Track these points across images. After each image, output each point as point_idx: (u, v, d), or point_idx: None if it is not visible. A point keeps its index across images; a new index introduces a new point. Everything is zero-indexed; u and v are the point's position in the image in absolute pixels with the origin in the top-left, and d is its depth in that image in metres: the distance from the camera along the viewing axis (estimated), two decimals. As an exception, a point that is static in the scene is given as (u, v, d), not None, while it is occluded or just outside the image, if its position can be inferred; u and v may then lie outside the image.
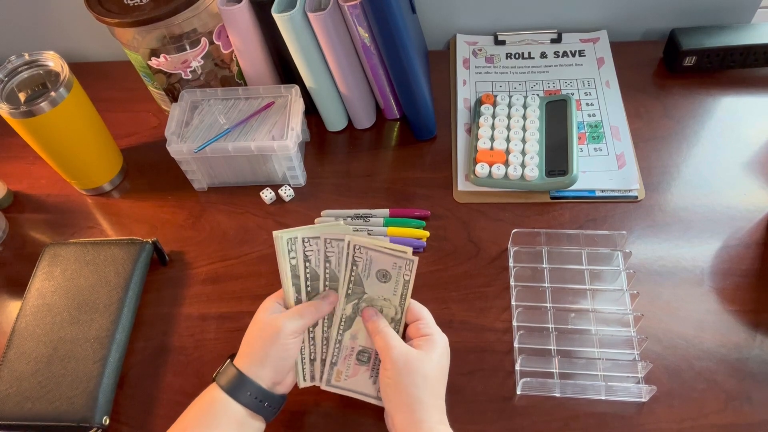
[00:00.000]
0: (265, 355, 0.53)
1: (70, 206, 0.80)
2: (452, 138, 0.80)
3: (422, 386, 0.51)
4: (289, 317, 0.54)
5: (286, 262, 0.56)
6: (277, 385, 0.54)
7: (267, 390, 0.53)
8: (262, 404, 0.53)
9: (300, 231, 0.56)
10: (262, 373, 0.53)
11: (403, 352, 0.52)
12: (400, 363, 0.52)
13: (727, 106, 0.80)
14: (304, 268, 0.57)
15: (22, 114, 0.67)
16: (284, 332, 0.53)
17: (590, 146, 0.77)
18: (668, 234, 0.69)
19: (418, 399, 0.50)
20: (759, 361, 0.60)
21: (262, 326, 0.54)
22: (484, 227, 0.72)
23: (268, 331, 0.54)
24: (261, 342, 0.54)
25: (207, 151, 0.72)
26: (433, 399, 0.51)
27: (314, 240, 0.56)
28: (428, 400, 0.50)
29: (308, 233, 0.56)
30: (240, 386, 0.52)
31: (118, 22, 0.70)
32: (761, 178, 0.73)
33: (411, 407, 0.50)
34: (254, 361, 0.53)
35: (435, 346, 0.53)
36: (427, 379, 0.51)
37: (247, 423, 0.52)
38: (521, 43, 0.89)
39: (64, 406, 0.59)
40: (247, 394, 0.52)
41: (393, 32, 0.67)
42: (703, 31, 0.82)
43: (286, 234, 0.55)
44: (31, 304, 0.66)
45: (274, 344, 0.53)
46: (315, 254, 0.56)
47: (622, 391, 0.58)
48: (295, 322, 0.54)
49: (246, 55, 0.77)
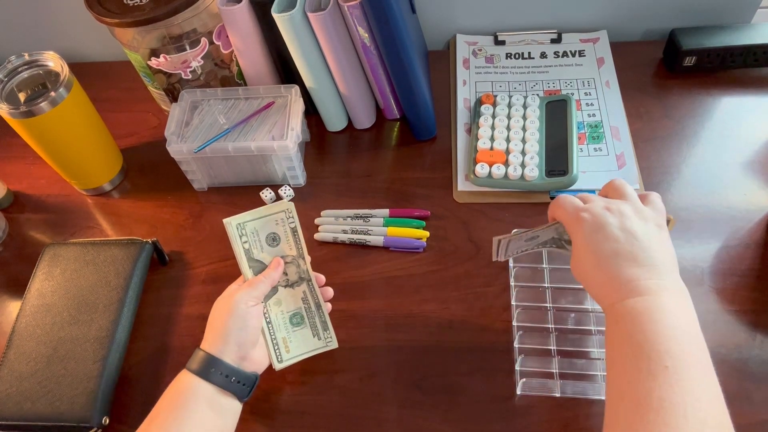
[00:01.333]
0: (225, 330, 0.55)
1: (70, 206, 0.80)
2: (452, 138, 0.80)
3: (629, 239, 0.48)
4: (241, 289, 0.57)
5: (239, 245, 0.58)
6: (243, 360, 0.55)
7: (233, 366, 0.54)
8: (229, 380, 0.54)
9: (245, 216, 0.59)
10: (226, 349, 0.54)
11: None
12: (592, 221, 0.50)
13: (727, 106, 0.80)
14: (248, 249, 0.59)
15: (22, 114, 0.67)
16: (237, 302, 0.55)
17: (590, 146, 0.77)
18: (668, 234, 0.69)
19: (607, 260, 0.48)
20: (759, 361, 0.59)
21: (218, 305, 0.57)
22: (484, 227, 0.72)
23: (224, 307, 0.56)
24: (219, 319, 0.56)
25: (207, 151, 0.72)
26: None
27: (250, 223, 0.59)
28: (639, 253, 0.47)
29: (250, 217, 0.59)
30: (206, 366, 0.53)
31: (118, 22, 0.70)
32: (761, 178, 0.73)
33: (627, 255, 0.47)
34: (216, 339, 0.55)
35: (575, 235, 0.51)
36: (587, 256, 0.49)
37: (217, 401, 0.53)
38: (521, 43, 0.89)
39: (63, 406, 0.59)
40: (213, 371, 0.53)
41: (393, 32, 0.67)
42: (703, 31, 0.82)
43: (234, 220, 0.58)
44: (31, 304, 0.66)
45: (232, 317, 0.55)
46: (253, 236, 0.60)
47: (622, 391, 0.58)
48: (248, 292, 0.56)
49: (246, 55, 0.77)
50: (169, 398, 0.53)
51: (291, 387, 0.61)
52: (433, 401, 0.59)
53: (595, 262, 0.48)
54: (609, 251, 0.48)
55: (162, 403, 0.53)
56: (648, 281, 0.46)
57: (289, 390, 0.61)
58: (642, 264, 0.47)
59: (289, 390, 0.61)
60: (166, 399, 0.53)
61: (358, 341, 0.63)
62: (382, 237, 0.71)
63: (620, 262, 0.47)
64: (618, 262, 0.47)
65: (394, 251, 0.71)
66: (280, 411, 0.60)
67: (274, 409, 0.60)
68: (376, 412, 0.59)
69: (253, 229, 0.59)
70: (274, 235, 0.60)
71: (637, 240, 0.48)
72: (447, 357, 0.62)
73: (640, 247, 0.47)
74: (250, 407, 0.60)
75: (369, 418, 0.59)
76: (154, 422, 0.51)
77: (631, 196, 0.52)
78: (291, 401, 0.61)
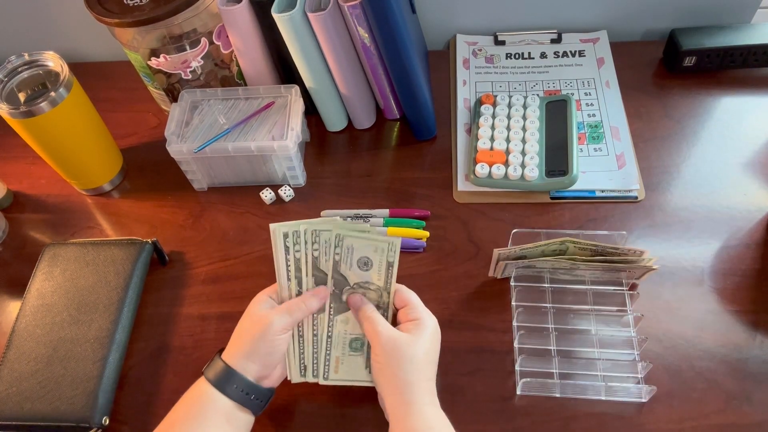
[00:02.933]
0: (253, 349, 0.54)
1: (70, 206, 0.80)
2: (452, 138, 0.80)
3: (410, 369, 0.52)
4: (278, 313, 0.55)
5: (281, 255, 0.56)
6: (264, 379, 0.55)
7: (254, 383, 0.54)
8: (249, 397, 0.53)
9: (297, 225, 0.57)
10: (250, 367, 0.54)
11: (391, 337, 0.53)
12: (388, 347, 0.52)
13: (727, 106, 0.80)
14: (295, 262, 0.57)
15: (22, 114, 0.67)
16: (273, 328, 0.54)
17: (590, 146, 0.77)
18: (668, 234, 0.69)
19: (406, 381, 0.51)
20: (759, 361, 0.60)
21: (251, 321, 0.55)
22: (484, 227, 0.72)
23: (257, 327, 0.54)
24: (250, 337, 0.54)
25: (207, 151, 0.72)
26: (423, 381, 0.52)
27: (307, 234, 0.57)
28: (417, 382, 0.51)
29: (304, 227, 0.57)
30: (227, 379, 0.53)
31: (118, 22, 0.70)
32: (761, 178, 0.73)
33: (400, 389, 0.51)
34: (242, 355, 0.54)
35: (424, 329, 0.54)
36: (415, 362, 0.52)
37: (234, 416, 0.53)
38: (521, 43, 0.89)
39: (63, 407, 0.59)
40: (234, 387, 0.53)
41: (393, 32, 0.67)
42: (703, 31, 0.82)
43: (282, 227, 0.56)
44: (30, 304, 0.66)
45: (263, 340, 0.54)
46: (305, 248, 0.57)
47: (622, 392, 0.58)
48: (284, 319, 0.55)
49: (246, 55, 0.77)
50: (185, 406, 0.53)
51: (291, 387, 0.61)
52: (433, 401, 0.59)
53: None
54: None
55: (178, 411, 0.53)
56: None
57: (289, 390, 0.61)
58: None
59: (289, 390, 0.61)
60: (183, 406, 0.53)
61: (358, 341, 0.63)
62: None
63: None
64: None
65: (394, 251, 0.71)
66: (280, 411, 0.60)
67: (274, 409, 0.60)
68: (375, 412, 0.58)
69: (348, 246, 0.56)
70: (366, 259, 0.57)
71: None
72: (447, 357, 0.62)
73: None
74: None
75: (369, 418, 0.59)
76: (171, 429, 0.51)
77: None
78: (291, 401, 0.61)
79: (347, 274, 0.57)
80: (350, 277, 0.57)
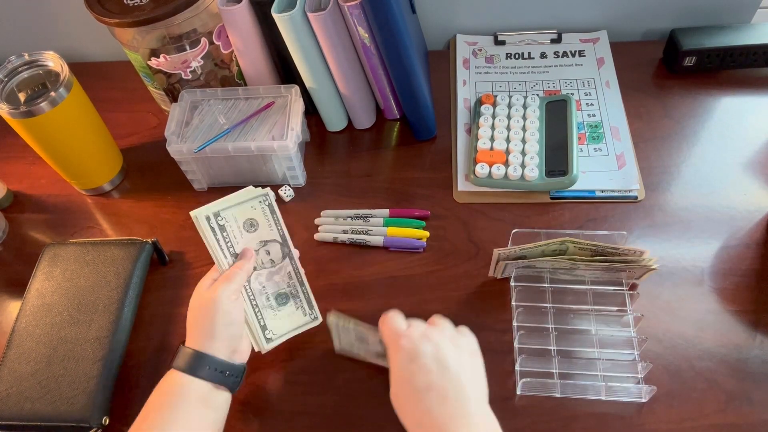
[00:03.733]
0: (212, 326, 0.54)
1: (70, 206, 0.80)
2: (452, 138, 0.80)
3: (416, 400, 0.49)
4: (219, 284, 0.56)
5: (212, 237, 0.58)
6: (234, 354, 0.56)
7: (226, 360, 0.54)
8: (223, 375, 0.54)
9: (214, 206, 0.58)
10: (216, 345, 0.54)
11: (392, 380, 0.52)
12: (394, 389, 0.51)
13: (727, 106, 0.80)
14: (224, 239, 0.59)
15: (22, 114, 0.67)
16: (221, 298, 0.55)
17: (590, 146, 0.77)
18: (668, 234, 0.69)
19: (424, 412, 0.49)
20: (759, 361, 0.60)
21: (200, 302, 0.56)
22: (484, 227, 0.72)
23: (207, 304, 0.55)
24: (204, 316, 0.55)
25: (207, 151, 0.72)
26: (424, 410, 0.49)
27: (224, 212, 0.59)
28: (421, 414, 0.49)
29: (220, 207, 0.58)
30: (198, 363, 0.53)
31: (118, 22, 0.70)
32: (761, 178, 0.73)
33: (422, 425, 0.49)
34: (205, 335, 0.54)
35: (393, 360, 0.52)
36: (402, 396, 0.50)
37: (210, 397, 0.54)
38: (521, 43, 0.89)
39: (63, 406, 0.59)
40: (206, 368, 0.53)
41: (393, 32, 0.67)
42: (703, 31, 0.82)
43: (203, 212, 0.58)
44: (31, 304, 0.66)
45: (217, 312, 0.54)
46: (229, 224, 0.59)
47: (622, 392, 0.58)
48: (227, 286, 0.56)
49: (246, 55, 0.77)
50: (158, 398, 0.53)
51: (291, 387, 0.61)
52: (433, 401, 0.59)
53: (411, 397, 0.49)
54: (423, 384, 0.49)
55: (150, 404, 0.53)
56: (458, 421, 0.47)
57: (289, 390, 0.61)
58: (453, 400, 0.48)
59: (289, 390, 0.61)
60: (155, 399, 0.53)
61: (358, 341, 0.63)
62: (382, 237, 0.71)
63: (432, 399, 0.48)
64: (430, 398, 0.48)
65: (394, 251, 0.71)
66: (281, 411, 0.60)
67: (274, 409, 0.60)
68: (376, 412, 0.59)
69: (229, 217, 0.59)
70: (251, 221, 0.60)
71: (449, 372, 0.49)
72: (447, 357, 0.62)
73: (451, 379, 0.49)
74: (251, 407, 0.60)
75: (369, 418, 0.59)
76: (144, 424, 0.51)
77: (446, 324, 0.55)
78: (291, 401, 0.61)
79: (241, 244, 0.59)
80: (243, 243, 0.59)
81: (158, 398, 0.53)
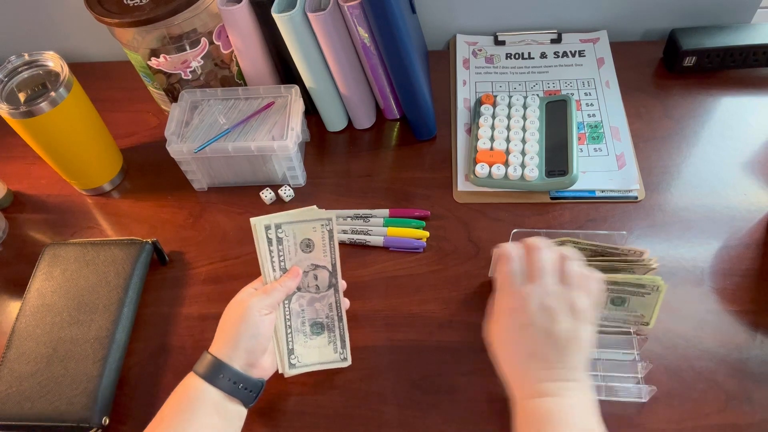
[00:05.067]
0: (236, 335, 0.54)
1: (70, 206, 0.80)
2: (452, 138, 0.80)
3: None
4: (255, 295, 0.56)
5: (265, 247, 0.58)
6: (251, 367, 0.55)
7: (241, 372, 0.54)
8: (237, 386, 0.54)
9: (277, 218, 0.58)
10: (235, 355, 0.54)
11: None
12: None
13: (727, 106, 0.80)
14: (278, 253, 0.58)
15: (22, 114, 0.67)
16: (251, 310, 0.55)
17: (590, 146, 0.77)
18: (668, 234, 0.69)
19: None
20: (759, 361, 0.59)
21: (232, 309, 0.56)
22: (484, 227, 0.72)
23: (237, 312, 0.55)
24: (231, 324, 0.55)
25: (207, 151, 0.72)
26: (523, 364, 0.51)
27: (286, 225, 0.58)
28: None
29: (282, 219, 0.58)
30: (214, 371, 0.53)
31: (118, 22, 0.70)
32: (761, 178, 0.73)
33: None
34: (227, 344, 0.54)
35: (501, 305, 0.53)
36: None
37: (223, 406, 0.53)
38: (521, 44, 0.89)
39: (63, 406, 0.59)
40: (221, 377, 0.53)
41: (393, 32, 0.67)
42: (703, 31, 0.82)
43: (262, 221, 0.57)
44: (31, 304, 0.66)
45: (244, 323, 0.54)
46: (287, 239, 0.59)
47: (622, 392, 0.58)
48: (262, 300, 0.56)
49: (246, 55, 0.77)
50: (175, 401, 0.53)
51: (291, 387, 0.61)
52: (433, 401, 0.59)
53: (512, 350, 0.51)
54: (526, 351, 0.50)
55: (168, 406, 0.53)
56: (556, 383, 0.48)
57: (290, 390, 0.61)
58: (553, 366, 0.49)
59: (289, 390, 0.61)
60: (173, 401, 0.53)
61: (359, 341, 0.63)
62: (382, 237, 0.71)
63: (532, 363, 0.50)
64: (530, 362, 0.50)
65: (394, 251, 0.71)
66: (281, 410, 0.60)
67: (274, 409, 0.60)
68: (376, 412, 0.59)
69: (289, 232, 0.58)
70: (309, 241, 0.58)
71: (557, 344, 0.49)
72: (447, 357, 0.62)
73: (557, 350, 0.49)
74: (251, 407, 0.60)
75: (369, 418, 0.59)
76: (161, 425, 0.51)
77: (580, 283, 0.52)
78: (291, 401, 0.61)
79: (294, 259, 0.59)
80: (296, 261, 0.59)
81: (176, 401, 0.53)
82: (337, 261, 0.60)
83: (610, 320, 0.61)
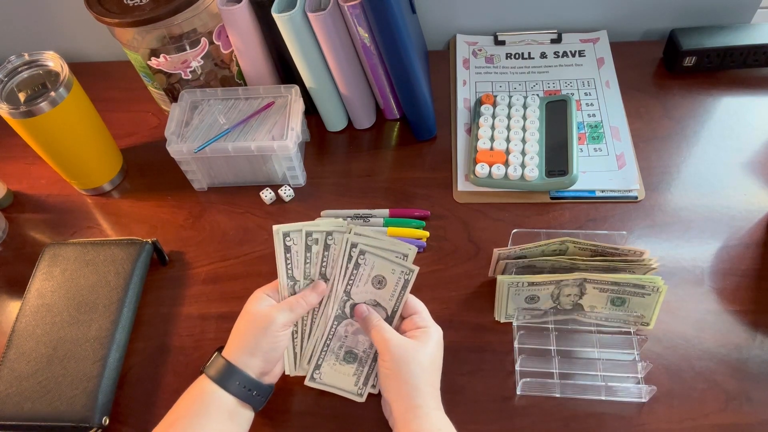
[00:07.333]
0: (255, 345, 0.54)
1: (70, 206, 0.80)
2: (452, 138, 0.80)
3: (419, 375, 0.52)
4: (280, 309, 0.56)
5: (282, 255, 0.57)
6: (264, 375, 0.56)
7: (255, 379, 0.54)
8: (250, 393, 0.54)
9: (299, 226, 0.57)
10: (251, 363, 0.54)
11: (401, 344, 0.54)
12: (397, 354, 0.53)
13: (727, 106, 0.80)
14: (296, 262, 0.58)
15: (22, 114, 0.67)
16: (275, 324, 0.55)
17: (590, 146, 0.77)
18: (668, 234, 0.69)
19: (415, 387, 0.52)
20: (759, 361, 0.60)
21: (252, 318, 0.56)
22: (484, 227, 0.72)
23: (259, 323, 0.55)
24: (251, 333, 0.55)
25: (207, 151, 0.72)
26: (429, 387, 0.53)
27: (315, 235, 0.58)
28: (424, 388, 0.52)
29: (308, 228, 0.57)
30: (229, 376, 0.53)
31: (118, 22, 0.70)
32: (761, 178, 0.73)
33: (409, 394, 0.52)
34: (244, 351, 0.54)
35: (430, 338, 0.55)
36: (424, 369, 0.53)
37: (236, 412, 0.54)
38: (521, 44, 0.89)
39: (63, 406, 0.59)
40: (236, 383, 0.53)
41: (393, 32, 0.67)
42: (703, 31, 0.82)
43: (284, 228, 0.57)
44: (31, 304, 0.66)
45: (265, 335, 0.54)
46: (313, 249, 0.58)
47: (622, 392, 0.58)
48: (286, 315, 0.56)
49: (246, 55, 0.77)
50: (188, 403, 0.53)
51: (291, 387, 0.61)
52: (433, 401, 0.59)
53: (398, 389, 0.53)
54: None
55: (180, 407, 0.53)
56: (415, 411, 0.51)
57: (290, 390, 0.61)
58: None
59: (289, 390, 0.61)
60: (185, 403, 0.53)
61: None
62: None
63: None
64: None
65: (394, 251, 0.71)
66: (281, 411, 0.60)
67: (274, 409, 0.60)
68: (376, 412, 0.58)
69: (370, 261, 0.57)
70: (381, 278, 0.58)
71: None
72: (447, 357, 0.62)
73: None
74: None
75: (369, 418, 0.59)
76: (174, 426, 0.51)
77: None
78: (291, 401, 0.61)
79: (363, 288, 0.58)
80: (363, 291, 0.58)
81: (187, 403, 0.53)
82: (399, 310, 0.58)
83: (610, 320, 0.61)
